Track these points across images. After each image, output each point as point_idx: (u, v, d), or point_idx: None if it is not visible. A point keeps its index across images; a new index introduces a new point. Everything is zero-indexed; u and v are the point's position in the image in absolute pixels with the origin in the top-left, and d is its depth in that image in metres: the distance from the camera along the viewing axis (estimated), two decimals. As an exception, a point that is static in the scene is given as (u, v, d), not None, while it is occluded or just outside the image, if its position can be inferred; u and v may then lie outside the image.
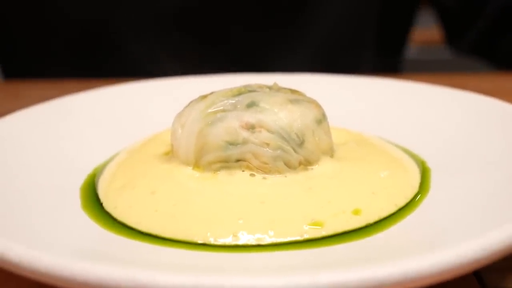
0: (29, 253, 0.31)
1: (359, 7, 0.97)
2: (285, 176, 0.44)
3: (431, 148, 0.51)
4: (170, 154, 0.48)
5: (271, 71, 0.70)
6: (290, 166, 0.44)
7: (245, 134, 0.44)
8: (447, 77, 0.83)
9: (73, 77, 0.86)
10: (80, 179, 0.48)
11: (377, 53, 1.03)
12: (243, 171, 0.44)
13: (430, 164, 0.49)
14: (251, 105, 0.45)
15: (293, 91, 0.48)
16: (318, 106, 0.47)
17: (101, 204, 0.44)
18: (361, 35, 1.01)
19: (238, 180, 0.43)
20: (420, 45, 1.78)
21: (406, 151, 0.52)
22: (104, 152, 0.53)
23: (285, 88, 0.48)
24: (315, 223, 0.39)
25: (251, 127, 0.44)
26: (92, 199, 0.45)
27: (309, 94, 0.49)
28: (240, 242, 0.38)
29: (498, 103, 0.53)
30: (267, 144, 0.44)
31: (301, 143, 0.44)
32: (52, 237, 0.38)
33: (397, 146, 0.53)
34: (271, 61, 0.94)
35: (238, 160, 0.44)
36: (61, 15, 0.93)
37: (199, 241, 0.38)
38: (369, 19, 0.99)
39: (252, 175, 0.44)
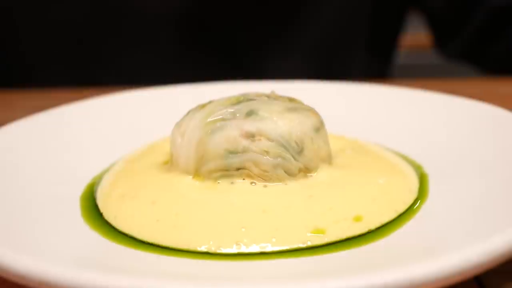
0: (35, 265, 0.31)
1: (350, 11, 0.98)
2: (286, 184, 0.44)
3: (426, 153, 0.52)
4: (169, 164, 0.48)
5: (265, 72, 0.71)
6: (290, 174, 0.44)
7: (245, 142, 0.44)
8: (437, 83, 0.83)
9: (67, 86, 0.86)
10: (79, 189, 0.48)
11: (369, 56, 1.04)
12: (243, 179, 0.44)
13: (426, 169, 0.49)
14: (250, 113, 0.45)
15: (290, 99, 0.48)
16: (315, 113, 0.47)
17: (101, 214, 0.44)
18: (353, 39, 1.02)
19: (239, 188, 0.44)
20: (409, 50, 1.79)
21: (402, 157, 0.52)
22: (102, 162, 0.53)
23: (283, 96, 0.48)
24: (318, 230, 0.40)
25: (251, 136, 0.44)
26: (92, 209, 0.45)
27: (305, 101, 0.49)
28: (243, 250, 0.38)
29: (491, 108, 0.54)
30: (267, 152, 0.44)
31: (301, 151, 0.45)
32: (54, 248, 0.38)
33: (392, 151, 0.54)
34: (265, 63, 0.94)
35: (238, 169, 0.44)
36: (55, 23, 0.93)
37: (202, 250, 0.38)
38: (361, 23, 1.00)
39: (252, 183, 0.44)
